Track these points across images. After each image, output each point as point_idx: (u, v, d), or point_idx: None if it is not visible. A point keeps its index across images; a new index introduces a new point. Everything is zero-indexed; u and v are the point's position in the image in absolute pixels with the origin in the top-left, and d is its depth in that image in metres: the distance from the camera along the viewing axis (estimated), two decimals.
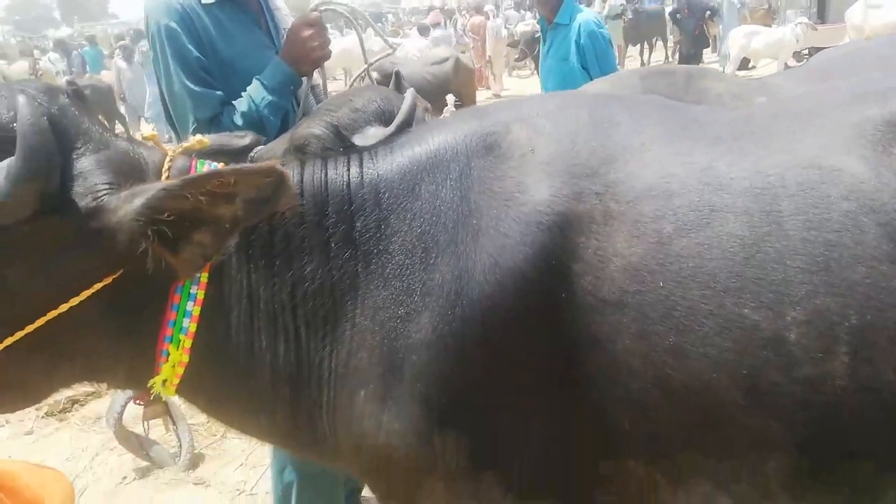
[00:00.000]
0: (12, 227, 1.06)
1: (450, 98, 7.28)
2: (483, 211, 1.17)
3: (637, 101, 1.36)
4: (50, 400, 3.87)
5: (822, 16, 14.01)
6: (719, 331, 1.07)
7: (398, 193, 1.22)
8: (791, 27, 12.87)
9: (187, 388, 1.27)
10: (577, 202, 1.14)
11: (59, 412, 3.78)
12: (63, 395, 3.91)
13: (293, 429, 1.31)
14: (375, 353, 1.19)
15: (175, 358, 1.19)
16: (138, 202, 1.04)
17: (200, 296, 1.18)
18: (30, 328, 1.11)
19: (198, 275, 1.17)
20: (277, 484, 2.29)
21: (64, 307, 1.11)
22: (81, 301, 1.12)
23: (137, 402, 1.42)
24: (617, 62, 7.42)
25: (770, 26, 14.23)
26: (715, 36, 14.98)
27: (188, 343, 1.19)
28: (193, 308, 1.18)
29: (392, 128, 1.41)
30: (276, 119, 2.05)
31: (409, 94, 1.54)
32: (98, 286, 1.12)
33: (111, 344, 1.21)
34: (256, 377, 1.26)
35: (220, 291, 1.22)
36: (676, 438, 1.15)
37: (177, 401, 3.51)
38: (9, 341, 1.11)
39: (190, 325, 1.18)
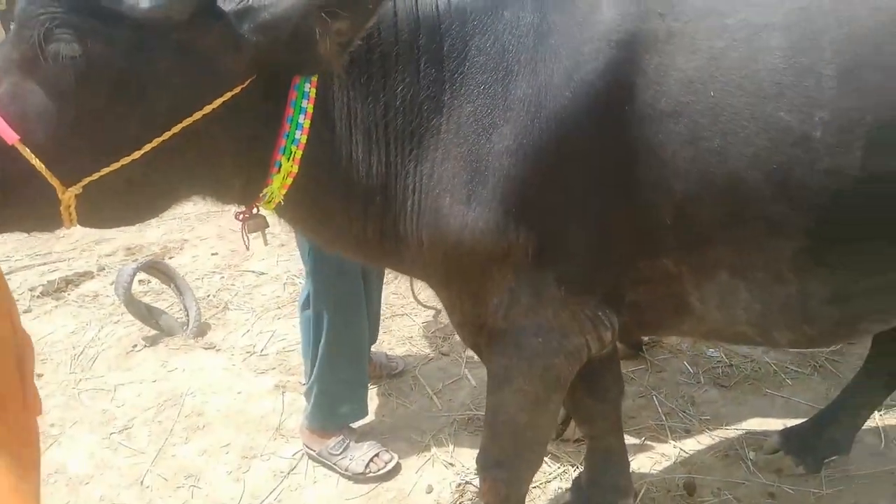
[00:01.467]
0: (168, 30, 1.16)
1: None
2: (560, 30, 1.28)
3: None
4: (43, 280, 3.93)
5: None
6: (758, 132, 1.23)
7: (483, 16, 1.31)
8: None
9: (290, 202, 1.38)
10: (643, 21, 1.26)
11: (55, 292, 3.81)
12: (56, 275, 3.95)
13: (381, 238, 1.45)
14: (461, 162, 1.32)
15: (286, 168, 1.31)
16: None
17: (310, 109, 1.28)
18: (176, 128, 1.20)
19: (307, 91, 1.26)
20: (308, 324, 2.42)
21: (207, 110, 1.21)
22: (215, 110, 1.21)
23: (239, 217, 1.53)
24: None
25: None
26: None
27: (299, 154, 1.30)
28: (304, 121, 1.28)
29: None
30: None
31: None
32: (232, 92, 1.22)
33: (235, 155, 1.31)
34: (353, 188, 1.39)
35: (325, 107, 1.32)
36: (708, 234, 1.33)
37: (182, 271, 3.64)
38: (155, 142, 1.20)
39: (301, 136, 1.28)
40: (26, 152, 1.15)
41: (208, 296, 3.66)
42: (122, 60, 1.16)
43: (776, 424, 2.52)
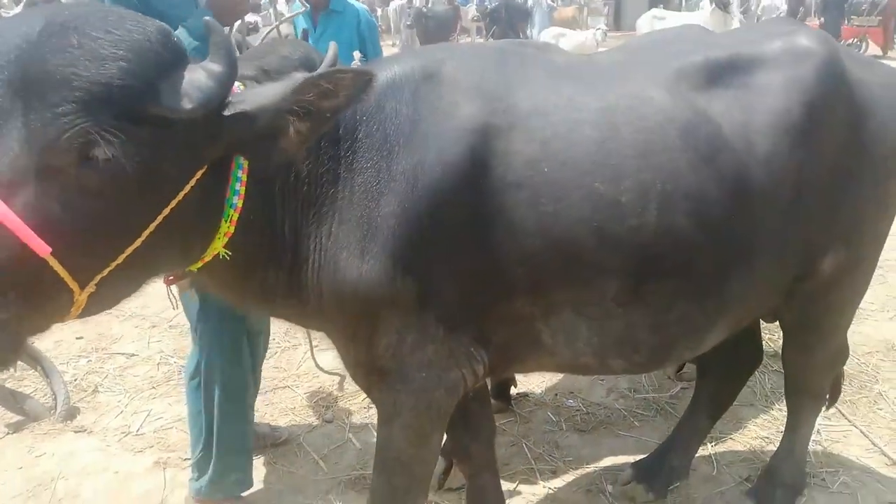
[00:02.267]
0: (188, 125, 1.29)
1: None
2: (430, 120, 1.60)
3: (522, 52, 1.84)
4: None
5: (617, 24, 15.95)
6: (581, 199, 1.61)
7: (369, 108, 1.60)
8: (592, 32, 14.53)
9: (213, 261, 1.54)
10: (492, 116, 1.62)
11: None
12: None
13: (288, 292, 1.65)
14: (354, 224, 1.58)
15: (224, 229, 1.48)
16: (288, 88, 1.34)
17: (244, 178, 1.47)
18: (166, 210, 1.33)
19: (241, 162, 1.46)
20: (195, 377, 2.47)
21: (188, 188, 1.35)
22: (192, 187, 1.36)
23: (169, 280, 1.66)
24: None
25: (575, 29, 15.86)
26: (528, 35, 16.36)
27: (235, 216, 1.48)
28: (241, 188, 1.47)
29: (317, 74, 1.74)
30: None
31: (333, 46, 1.88)
32: (203, 169, 1.37)
33: (196, 223, 1.44)
34: (269, 247, 1.59)
35: (255, 178, 1.51)
36: (550, 279, 1.67)
37: (48, 353, 3.55)
38: (152, 226, 1.32)
39: (238, 201, 1.47)
40: (54, 263, 1.19)
41: (76, 379, 3.52)
42: (144, 157, 1.25)
43: (628, 460, 2.86)
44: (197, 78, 1.32)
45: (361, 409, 3.32)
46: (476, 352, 1.74)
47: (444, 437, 2.03)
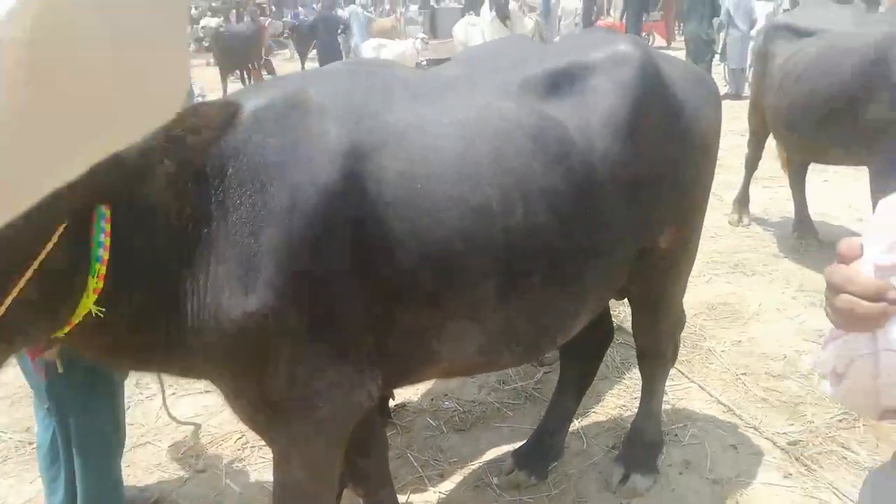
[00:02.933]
0: None
1: None
2: (299, 148, 1.59)
3: (381, 73, 1.90)
4: None
5: (433, 32, 16.46)
6: (452, 207, 1.69)
7: (235, 143, 1.55)
8: (412, 42, 14.88)
9: (84, 325, 1.42)
10: (360, 136, 1.65)
11: None
12: None
13: (167, 345, 1.56)
14: (235, 261, 1.52)
15: (91, 285, 1.35)
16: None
17: (108, 228, 1.35)
18: (35, 265, 1.20)
19: (103, 212, 1.34)
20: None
21: (49, 246, 1.23)
22: (53, 245, 1.23)
23: (35, 353, 1.46)
24: None
25: (394, 39, 16.14)
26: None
27: (103, 270, 1.35)
28: (105, 239, 1.35)
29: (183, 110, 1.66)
30: None
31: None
32: (62, 227, 1.25)
33: (59, 283, 1.32)
34: (143, 298, 1.48)
35: (119, 226, 1.40)
36: (434, 288, 1.73)
37: None
38: (9, 299, 1.18)
39: (104, 254, 1.35)
40: None
41: None
42: None
43: (509, 449, 3.01)
44: None
45: (234, 451, 3.17)
46: (370, 371, 1.75)
47: None
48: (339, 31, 15.47)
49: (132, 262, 1.46)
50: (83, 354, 1.63)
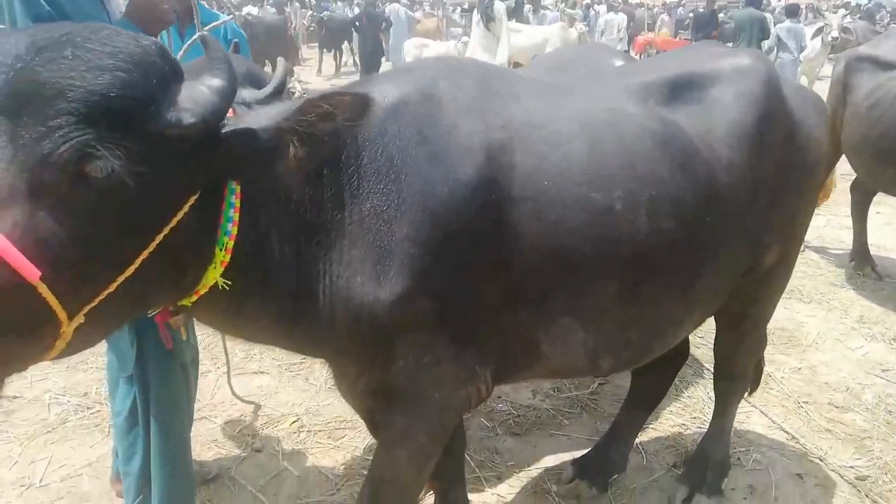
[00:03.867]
0: (184, 141, 1.20)
1: None
2: (432, 141, 1.57)
3: (504, 71, 1.88)
4: None
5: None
6: (579, 208, 1.66)
7: (371, 133, 1.54)
8: (454, 42, 14.89)
9: (210, 291, 1.43)
10: (491, 132, 1.63)
11: None
12: None
13: (292, 320, 1.56)
14: (367, 248, 1.52)
15: (220, 258, 1.37)
16: (288, 108, 1.27)
17: (238, 204, 1.37)
18: (160, 236, 1.22)
19: (234, 187, 1.36)
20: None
21: (181, 214, 1.25)
22: (185, 213, 1.26)
23: (165, 316, 1.52)
24: None
25: (436, 40, 16.17)
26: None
27: (231, 244, 1.37)
28: (234, 214, 1.37)
29: (269, 89, 1.65)
30: None
31: (282, 62, 1.79)
32: (197, 194, 1.27)
33: (187, 252, 1.33)
34: (270, 273, 1.49)
35: (248, 202, 1.42)
36: (552, 287, 1.70)
37: None
38: (145, 253, 1.20)
39: (232, 228, 1.37)
40: (44, 289, 1.07)
41: None
42: (142, 175, 1.15)
43: (566, 458, 2.97)
44: (197, 93, 1.22)
45: (290, 434, 3.15)
46: (480, 370, 1.73)
47: None
48: (382, 28, 15.48)
49: (260, 239, 1.47)
50: (205, 322, 1.63)
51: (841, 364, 3.84)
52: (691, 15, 20.45)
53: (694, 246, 1.86)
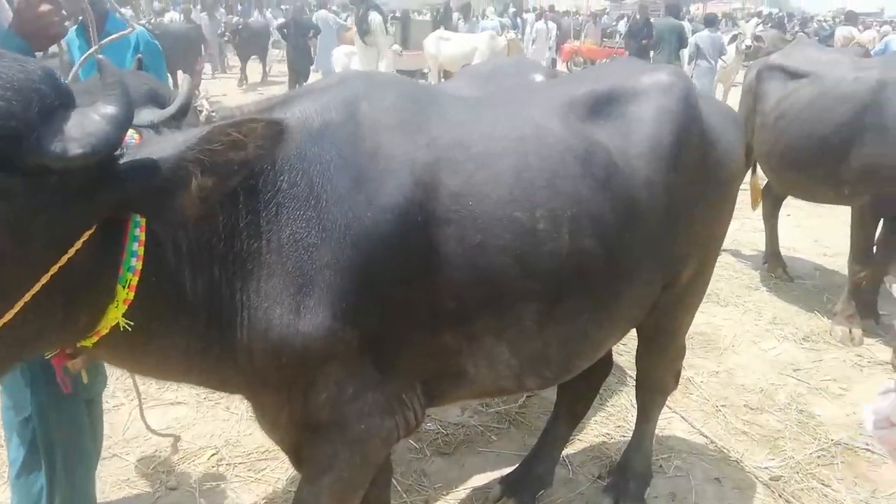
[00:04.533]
0: (76, 172, 1.11)
1: None
2: (354, 164, 1.53)
3: (427, 87, 1.83)
4: None
5: (405, 44, 16.45)
6: (503, 228, 1.66)
7: (289, 157, 1.49)
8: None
9: (113, 334, 1.35)
10: (416, 152, 1.60)
11: None
12: None
13: (204, 354, 1.49)
14: (286, 278, 1.46)
15: (122, 296, 1.28)
16: (192, 137, 1.18)
17: (142, 238, 1.29)
18: (54, 269, 1.14)
19: (138, 220, 1.28)
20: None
21: (73, 249, 1.16)
22: (77, 250, 1.16)
23: (62, 358, 1.44)
24: None
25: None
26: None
27: (135, 281, 1.29)
28: (139, 248, 1.28)
29: (172, 109, 1.56)
30: None
31: (187, 79, 1.71)
32: (92, 229, 1.18)
33: (83, 290, 1.25)
34: (180, 308, 1.41)
35: (154, 236, 1.34)
36: (477, 309, 1.70)
37: None
38: (37, 286, 1.12)
39: (136, 264, 1.28)
40: None
41: None
42: (21, 213, 1.09)
43: (494, 475, 2.96)
44: (87, 121, 1.13)
45: (208, 468, 3.02)
46: (407, 397, 1.71)
47: None
48: (310, 36, 15.26)
49: (169, 273, 1.40)
50: (109, 363, 1.56)
51: (756, 365, 3.99)
52: (614, 24, 21.13)
53: (614, 262, 1.88)
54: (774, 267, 5.31)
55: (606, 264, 1.85)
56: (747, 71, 5.36)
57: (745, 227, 6.29)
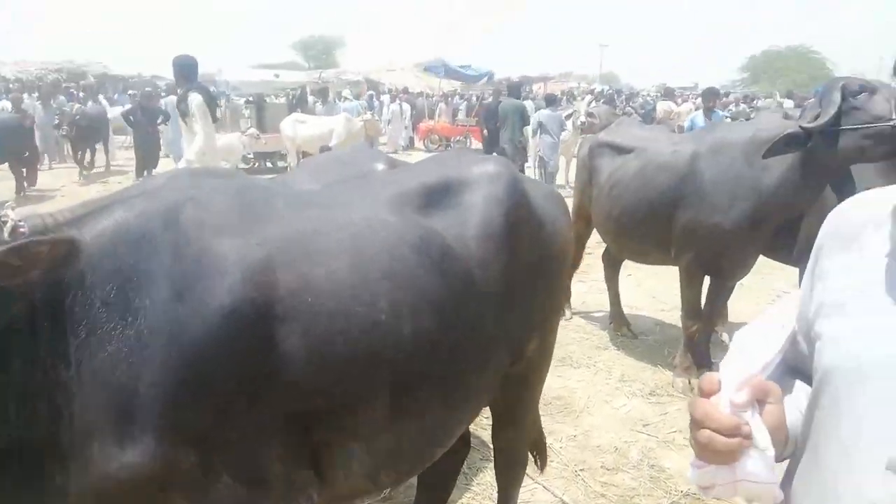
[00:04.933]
0: None
1: None
2: (179, 273, 1.44)
3: (256, 183, 1.79)
4: None
5: (261, 126, 16.38)
6: (346, 322, 1.63)
7: (102, 273, 1.37)
8: (238, 135, 14.66)
9: None
10: (248, 252, 1.54)
11: None
12: None
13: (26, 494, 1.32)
14: (104, 406, 1.32)
15: None
16: None
17: None
18: None
19: None
20: None
21: None
22: None
23: None
24: None
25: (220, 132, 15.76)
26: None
27: None
28: None
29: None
30: None
31: None
32: None
33: None
34: None
35: None
36: (325, 407, 1.64)
37: None
38: None
39: None
40: None
41: None
42: None
43: None
44: None
45: None
46: None
47: None
48: (159, 122, 14.77)
49: None
50: None
51: (609, 425, 4.15)
52: (465, 105, 22.32)
53: (459, 345, 1.89)
54: (619, 326, 5.66)
55: (452, 348, 1.87)
56: (580, 147, 5.82)
57: (592, 290, 6.68)
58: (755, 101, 21.13)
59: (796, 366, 1.08)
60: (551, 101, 13.94)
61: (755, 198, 4.07)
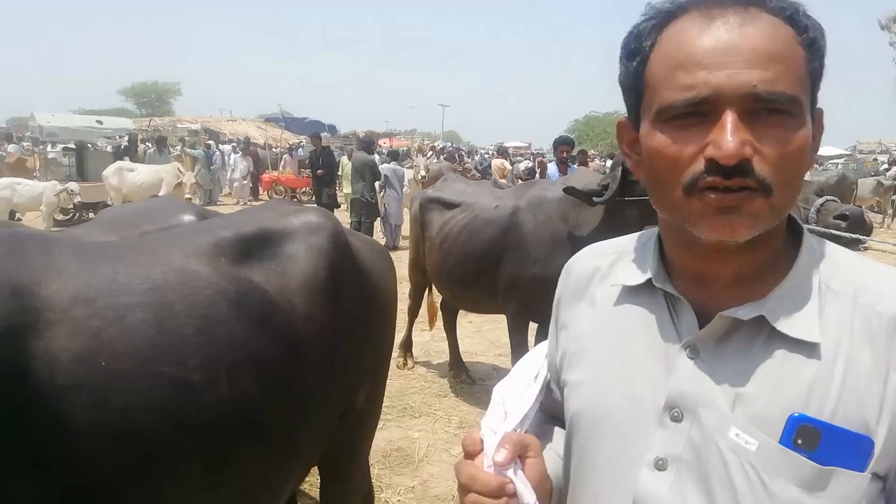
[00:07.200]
0: None
1: None
2: None
3: (35, 237, 1.59)
4: None
5: (82, 175, 15.10)
6: (149, 385, 1.47)
7: None
8: (52, 184, 13.36)
9: None
10: (23, 315, 1.36)
11: None
12: None
13: None
14: None
15: None
16: None
17: None
18: None
19: None
20: None
21: None
22: None
23: None
24: None
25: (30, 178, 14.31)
26: None
27: None
28: None
29: None
30: None
31: None
32: None
33: None
34: None
35: None
36: (132, 480, 1.47)
37: None
38: None
39: None
40: None
41: None
42: None
43: None
44: None
45: None
46: None
47: None
48: None
49: None
50: None
51: (447, 473, 4.15)
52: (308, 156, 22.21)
53: (283, 401, 1.79)
54: (458, 372, 5.77)
55: (275, 404, 1.77)
56: (411, 203, 5.97)
57: (434, 338, 6.76)
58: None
59: (554, 413, 1.12)
60: (394, 156, 14.28)
61: (570, 250, 4.37)
